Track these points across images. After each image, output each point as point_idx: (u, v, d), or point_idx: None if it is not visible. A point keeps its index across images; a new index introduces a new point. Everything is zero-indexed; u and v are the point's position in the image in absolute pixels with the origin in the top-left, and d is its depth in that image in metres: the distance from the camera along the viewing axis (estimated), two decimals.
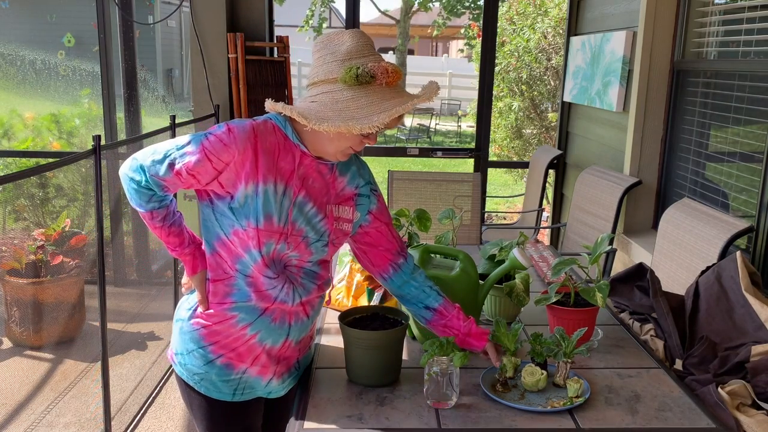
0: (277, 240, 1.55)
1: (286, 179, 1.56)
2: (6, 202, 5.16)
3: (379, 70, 1.49)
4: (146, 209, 1.58)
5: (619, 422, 1.54)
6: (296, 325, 1.66)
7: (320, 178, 1.62)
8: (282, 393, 1.75)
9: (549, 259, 2.72)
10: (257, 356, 1.64)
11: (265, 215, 1.53)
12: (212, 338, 1.62)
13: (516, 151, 7.27)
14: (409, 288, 1.77)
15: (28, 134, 5.32)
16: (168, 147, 1.54)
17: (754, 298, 1.95)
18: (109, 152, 4.50)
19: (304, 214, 1.59)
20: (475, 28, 12.43)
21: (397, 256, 1.77)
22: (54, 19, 6.55)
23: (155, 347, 3.89)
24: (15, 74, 5.88)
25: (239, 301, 1.60)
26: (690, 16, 3.20)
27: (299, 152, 1.58)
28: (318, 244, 1.62)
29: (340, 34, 1.55)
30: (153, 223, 1.61)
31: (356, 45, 1.52)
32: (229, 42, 4.00)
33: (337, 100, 1.49)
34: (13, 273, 3.84)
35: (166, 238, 1.63)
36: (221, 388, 1.65)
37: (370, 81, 1.48)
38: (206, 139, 1.52)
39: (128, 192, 1.58)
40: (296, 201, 1.57)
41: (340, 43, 1.53)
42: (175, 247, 1.64)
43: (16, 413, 3.19)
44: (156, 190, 1.55)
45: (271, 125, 1.57)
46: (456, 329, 1.73)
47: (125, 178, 1.57)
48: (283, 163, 1.56)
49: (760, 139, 2.61)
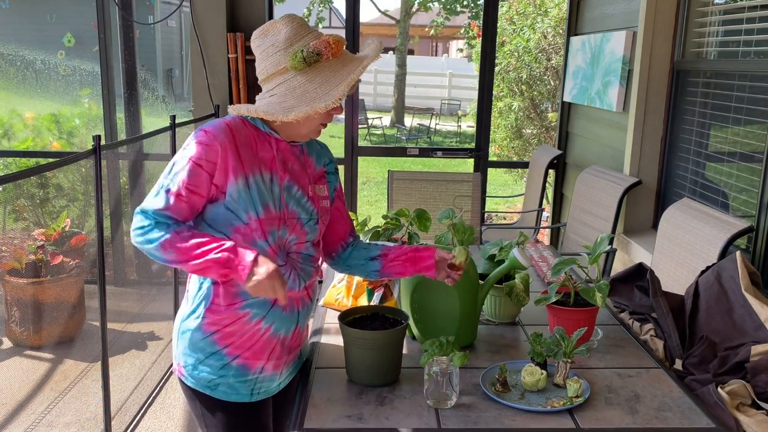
0: (278, 226, 1.60)
1: (270, 167, 1.61)
2: (6, 202, 5.16)
3: (322, 46, 1.54)
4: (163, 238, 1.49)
5: (619, 422, 1.54)
6: (303, 311, 1.70)
7: (296, 161, 1.69)
8: (287, 382, 1.77)
9: (549, 259, 2.72)
10: (273, 349, 1.66)
11: (262, 204, 1.57)
12: (227, 340, 1.63)
13: (516, 151, 7.27)
14: (353, 258, 1.84)
15: (28, 134, 5.32)
16: (159, 182, 1.56)
17: (754, 298, 1.95)
18: (109, 152, 4.50)
19: (293, 197, 1.64)
20: (475, 28, 12.43)
21: (349, 235, 1.85)
22: (54, 19, 6.55)
23: (155, 347, 3.90)
24: (15, 74, 5.88)
25: (249, 297, 1.60)
26: (690, 16, 3.20)
27: (273, 140, 1.64)
28: (310, 223, 1.68)
29: (273, 24, 1.60)
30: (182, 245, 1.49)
31: (292, 29, 1.57)
32: (229, 42, 4.01)
33: (294, 87, 1.55)
34: (13, 273, 3.84)
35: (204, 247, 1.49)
36: (239, 389, 1.66)
37: (318, 59, 1.55)
38: (188, 151, 1.55)
39: (144, 245, 1.52)
40: (284, 185, 1.62)
41: (276, 33, 1.58)
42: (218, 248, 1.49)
43: (16, 413, 3.19)
44: (163, 214, 1.54)
45: (240, 120, 1.62)
46: (403, 253, 1.78)
47: (135, 236, 1.52)
48: (263, 153, 1.61)
49: (760, 139, 2.61)
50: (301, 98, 1.54)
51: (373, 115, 15.34)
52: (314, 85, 1.54)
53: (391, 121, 16.20)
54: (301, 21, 1.60)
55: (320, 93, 1.53)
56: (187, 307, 1.66)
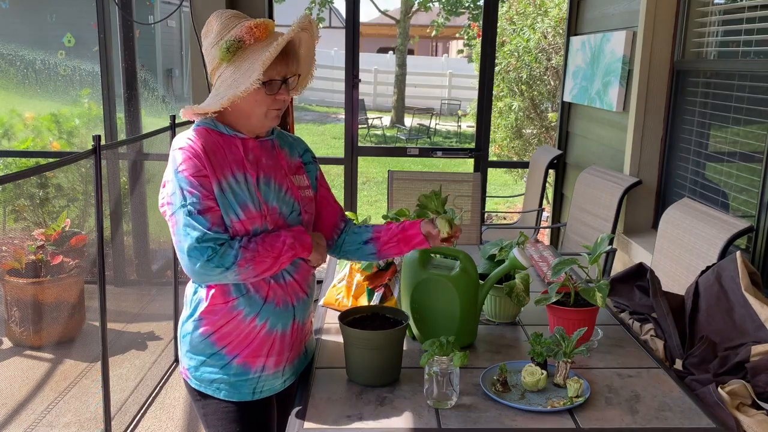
0: (260, 224, 1.61)
1: (242, 168, 1.62)
2: (6, 202, 5.16)
3: (243, 32, 1.55)
4: (237, 258, 1.53)
5: (619, 422, 1.54)
6: (299, 305, 1.70)
7: (269, 156, 1.69)
8: (293, 380, 1.77)
9: (549, 259, 2.72)
10: (271, 346, 1.66)
11: (240, 205, 1.58)
12: (225, 341, 1.64)
13: (516, 151, 7.26)
14: (347, 243, 1.84)
15: (28, 134, 5.32)
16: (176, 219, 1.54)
17: (754, 298, 1.95)
18: (109, 152, 4.50)
19: (272, 191, 1.65)
20: (475, 28, 12.42)
21: (340, 220, 1.85)
22: (54, 19, 6.55)
23: (155, 347, 3.89)
24: (15, 74, 5.88)
25: (239, 294, 1.62)
26: (690, 16, 3.20)
27: (239, 140, 1.64)
28: (293, 215, 1.68)
29: (208, 22, 1.62)
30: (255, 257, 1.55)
31: (221, 23, 1.58)
32: None
33: (225, 78, 1.57)
34: (13, 273, 3.84)
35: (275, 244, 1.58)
36: (241, 388, 1.67)
37: (241, 45, 1.55)
38: (183, 170, 1.54)
39: (220, 274, 1.54)
40: (259, 183, 1.63)
41: (210, 30, 1.60)
42: (286, 239, 1.59)
43: (16, 413, 3.19)
44: (214, 234, 1.53)
45: (203, 130, 1.63)
46: (394, 235, 1.78)
47: (209, 269, 1.52)
48: (231, 156, 1.62)
49: (760, 139, 2.61)
50: (229, 87, 1.55)
51: (373, 115, 15.34)
52: (240, 71, 1.55)
53: (391, 121, 16.20)
54: (233, 14, 1.60)
55: (244, 77, 1.53)
56: (186, 310, 1.70)
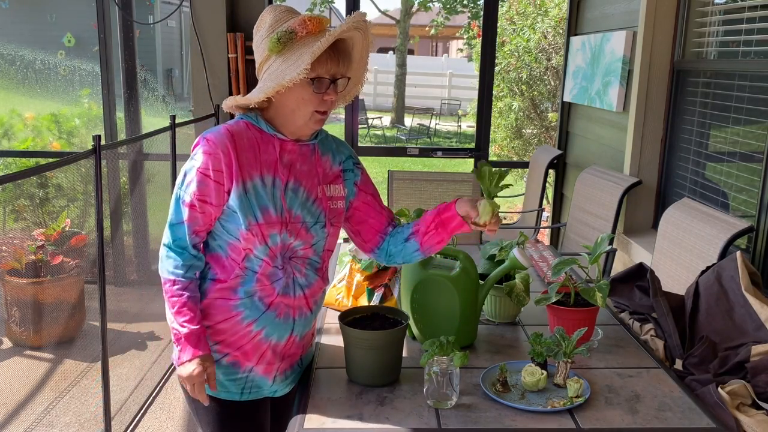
0: (279, 230, 1.58)
1: (272, 170, 1.59)
2: (6, 202, 5.16)
3: (296, 23, 1.53)
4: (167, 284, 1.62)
5: (619, 422, 1.54)
6: (300, 320, 1.67)
7: (306, 162, 1.65)
8: (286, 390, 1.76)
9: (549, 259, 2.72)
10: (263, 353, 1.65)
11: (261, 208, 1.56)
12: (218, 336, 1.63)
13: (516, 151, 7.27)
14: (391, 245, 1.76)
15: (28, 134, 5.32)
16: (175, 192, 1.60)
17: (754, 298, 1.95)
18: (109, 152, 4.50)
19: (298, 199, 1.62)
20: (475, 28, 12.43)
21: (388, 225, 1.78)
22: (54, 19, 6.55)
23: (155, 347, 3.89)
24: (15, 74, 5.88)
25: (244, 297, 1.61)
26: (690, 16, 3.20)
27: (278, 141, 1.62)
28: (317, 227, 1.64)
29: (261, 16, 1.60)
30: (170, 299, 1.62)
31: (274, 16, 1.57)
32: (229, 42, 4.00)
33: (273, 70, 1.54)
34: (13, 273, 3.84)
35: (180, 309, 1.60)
36: (228, 387, 1.66)
37: (292, 37, 1.53)
38: (195, 161, 1.56)
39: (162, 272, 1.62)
40: (287, 188, 1.60)
41: (262, 24, 1.59)
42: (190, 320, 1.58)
43: (16, 413, 3.19)
44: (187, 241, 1.58)
45: (244, 124, 1.61)
46: (431, 222, 1.67)
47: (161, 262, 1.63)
48: (266, 156, 1.59)
49: (760, 139, 2.61)
50: (275, 78, 1.52)
51: (373, 115, 15.34)
52: (288, 63, 1.52)
53: (391, 121, 16.20)
54: (286, 9, 1.58)
55: (291, 68, 1.50)
56: None
